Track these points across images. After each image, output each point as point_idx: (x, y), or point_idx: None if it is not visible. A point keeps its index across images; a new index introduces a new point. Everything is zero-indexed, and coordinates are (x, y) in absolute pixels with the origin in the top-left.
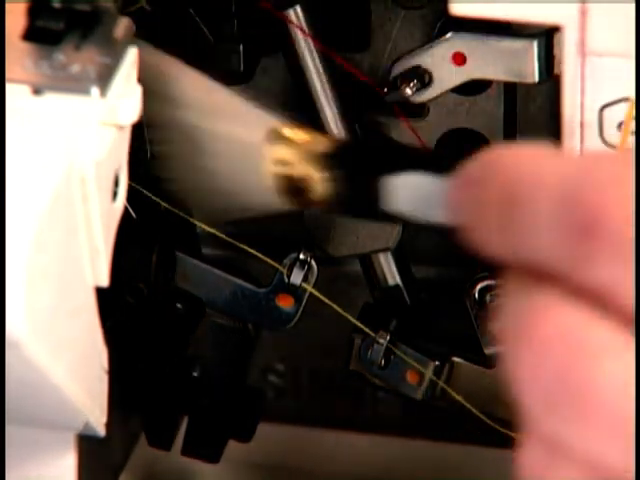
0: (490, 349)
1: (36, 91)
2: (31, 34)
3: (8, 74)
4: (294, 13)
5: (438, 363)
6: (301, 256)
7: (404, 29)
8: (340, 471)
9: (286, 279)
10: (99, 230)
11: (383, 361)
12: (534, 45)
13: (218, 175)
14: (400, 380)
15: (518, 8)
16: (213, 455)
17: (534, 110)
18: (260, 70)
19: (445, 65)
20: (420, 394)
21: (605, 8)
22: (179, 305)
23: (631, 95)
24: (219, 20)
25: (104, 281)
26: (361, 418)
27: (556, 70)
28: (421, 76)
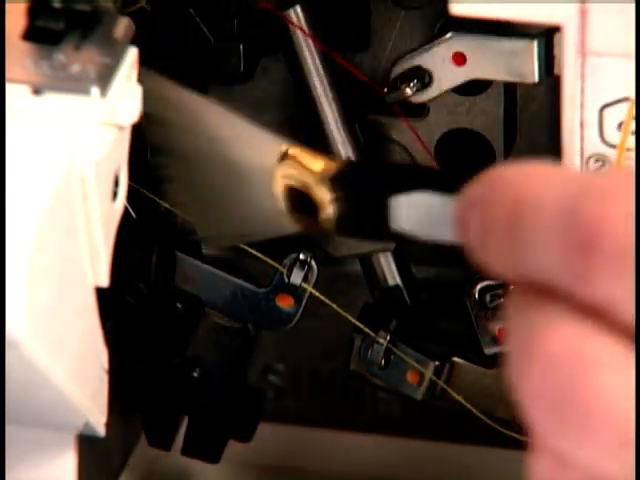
0: (490, 349)
1: (36, 91)
2: (31, 34)
3: (8, 74)
4: (294, 13)
5: (438, 363)
6: (301, 256)
7: (404, 29)
8: (340, 471)
9: (286, 279)
10: (99, 230)
11: (383, 361)
12: (534, 45)
13: (228, 202)
14: (400, 380)
15: (518, 8)
16: (213, 455)
17: (534, 110)
18: (260, 70)
19: (445, 65)
20: (420, 394)
21: (605, 8)
22: (179, 305)
23: (631, 95)
24: (219, 20)
25: (104, 281)
26: (361, 418)
27: (556, 70)
28: (421, 76)
